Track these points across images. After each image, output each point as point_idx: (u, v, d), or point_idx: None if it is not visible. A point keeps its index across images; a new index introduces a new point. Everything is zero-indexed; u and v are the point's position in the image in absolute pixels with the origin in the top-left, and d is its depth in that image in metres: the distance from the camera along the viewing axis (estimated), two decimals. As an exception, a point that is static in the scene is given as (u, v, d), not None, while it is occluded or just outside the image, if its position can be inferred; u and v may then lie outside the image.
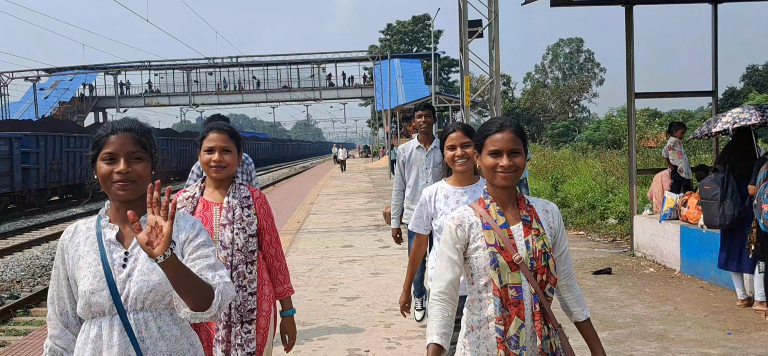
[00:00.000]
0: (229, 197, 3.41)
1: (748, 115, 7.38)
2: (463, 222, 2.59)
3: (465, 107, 13.51)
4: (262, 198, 3.52)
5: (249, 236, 3.39)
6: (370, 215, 17.21)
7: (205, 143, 3.40)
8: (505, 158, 2.54)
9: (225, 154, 3.38)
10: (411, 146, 6.38)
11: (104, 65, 62.46)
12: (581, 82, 73.83)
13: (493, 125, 2.62)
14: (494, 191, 2.63)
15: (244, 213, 3.39)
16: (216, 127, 3.43)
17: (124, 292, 2.21)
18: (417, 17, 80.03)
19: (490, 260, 2.50)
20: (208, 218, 3.38)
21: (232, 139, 3.42)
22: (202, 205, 3.44)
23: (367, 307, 7.54)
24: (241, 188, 3.47)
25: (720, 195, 7.06)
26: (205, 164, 3.39)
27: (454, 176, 3.86)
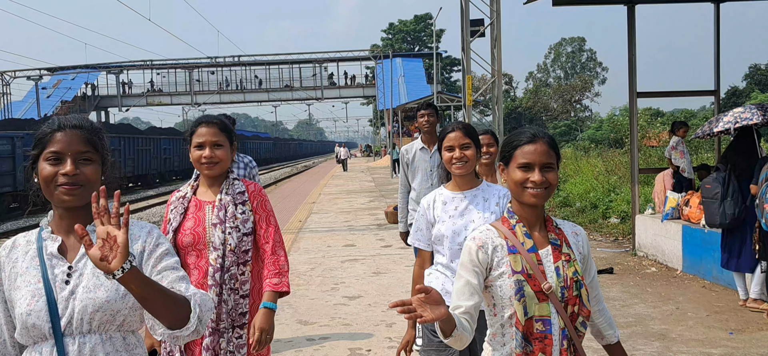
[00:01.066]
0: (222, 194, 3.20)
1: (750, 114, 7.37)
2: (485, 244, 2.29)
3: (467, 106, 13.49)
4: (258, 191, 3.28)
5: (243, 236, 3.16)
6: (371, 215, 17.21)
7: (195, 139, 3.20)
8: (537, 173, 2.26)
9: (216, 149, 3.17)
10: (414, 147, 6.21)
11: (106, 64, 62.49)
12: (583, 81, 73.80)
13: (524, 136, 2.34)
14: (521, 209, 2.34)
15: (238, 211, 3.17)
16: (205, 120, 3.22)
17: (67, 312, 1.92)
18: (419, 16, 79.95)
19: (515, 289, 2.21)
20: (200, 218, 3.19)
21: (223, 132, 3.20)
22: (195, 205, 3.23)
23: (368, 306, 7.55)
24: (235, 184, 3.25)
25: (721, 194, 7.06)
26: (195, 161, 3.19)
27: (453, 181, 3.53)
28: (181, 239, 3.14)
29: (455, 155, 3.42)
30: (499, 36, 13.18)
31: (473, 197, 3.45)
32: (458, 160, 3.41)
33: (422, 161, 6.09)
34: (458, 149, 3.41)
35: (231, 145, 3.24)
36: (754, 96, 47.06)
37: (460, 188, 3.49)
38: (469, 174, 3.48)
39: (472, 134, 3.48)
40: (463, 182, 3.48)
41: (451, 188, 3.52)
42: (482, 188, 3.49)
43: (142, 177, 36.46)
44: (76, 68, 62.33)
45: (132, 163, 34.16)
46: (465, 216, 3.39)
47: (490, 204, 3.40)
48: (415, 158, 6.14)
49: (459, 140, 3.44)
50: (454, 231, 3.37)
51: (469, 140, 3.45)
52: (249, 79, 64.10)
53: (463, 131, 3.47)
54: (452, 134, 3.46)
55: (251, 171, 5.33)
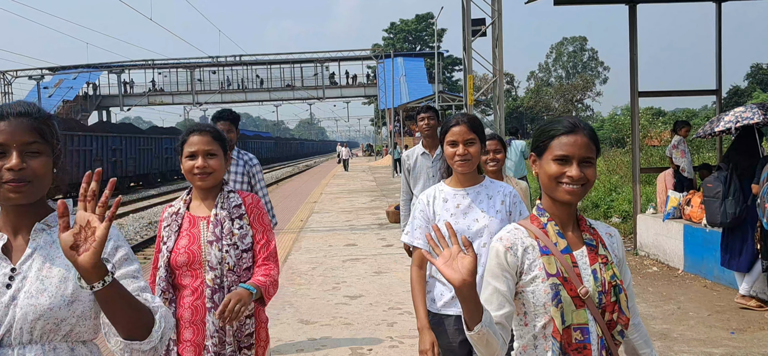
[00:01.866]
0: (217, 209, 2.98)
1: (751, 113, 7.37)
2: (514, 245, 2.06)
3: (468, 105, 13.50)
4: (255, 203, 3.06)
5: (242, 252, 2.95)
6: (373, 214, 17.21)
7: (186, 148, 2.99)
8: (575, 167, 2.03)
9: (209, 158, 2.97)
10: (415, 152, 5.94)
11: (108, 64, 62.55)
12: (585, 80, 73.78)
13: (562, 125, 2.10)
14: (553, 206, 2.12)
15: (235, 226, 2.96)
16: (197, 129, 3.03)
17: (6, 320, 1.71)
18: (420, 16, 79.97)
19: (552, 294, 1.99)
20: (195, 235, 2.96)
21: (217, 141, 3.01)
22: (189, 221, 3.01)
23: (370, 306, 7.55)
24: (230, 197, 3.03)
25: (722, 194, 7.07)
26: (187, 172, 2.98)
27: (454, 177, 3.23)
28: (175, 259, 2.93)
29: (458, 151, 3.11)
30: (501, 35, 13.18)
31: (476, 194, 3.17)
32: (461, 157, 3.11)
33: (424, 167, 5.83)
34: (462, 144, 3.11)
35: (225, 154, 3.04)
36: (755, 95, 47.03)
37: (462, 184, 3.20)
38: (472, 171, 3.21)
39: (478, 129, 3.17)
40: (466, 178, 3.21)
41: (452, 185, 3.22)
42: (485, 184, 3.22)
43: (143, 177, 36.51)
44: (78, 68, 62.38)
45: (133, 162, 34.20)
46: (468, 215, 3.13)
47: (494, 202, 3.15)
48: (416, 163, 5.88)
49: (463, 134, 3.12)
50: (458, 230, 2.98)
51: (474, 136, 3.14)
52: (250, 78, 64.14)
53: (468, 125, 3.14)
54: (456, 129, 3.13)
55: (251, 169, 5.22)
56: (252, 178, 5.22)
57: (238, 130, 5.30)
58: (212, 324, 2.88)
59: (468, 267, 1.82)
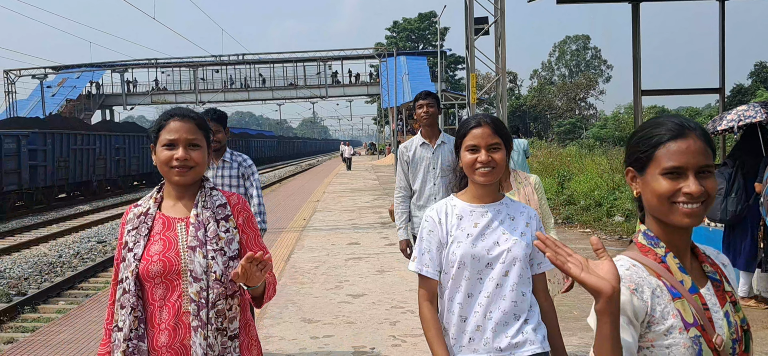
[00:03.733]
0: (198, 209, 2.51)
1: (754, 112, 7.35)
2: (640, 286, 1.62)
3: (471, 104, 13.49)
4: (242, 204, 2.61)
5: (229, 260, 2.48)
6: (376, 213, 17.22)
7: (164, 135, 2.49)
8: (693, 181, 1.62)
9: (192, 150, 2.49)
10: (414, 143, 5.43)
11: (111, 63, 62.60)
12: (588, 79, 73.69)
13: (666, 128, 1.69)
14: (666, 233, 1.69)
15: (221, 228, 2.50)
16: (178, 113, 2.55)
17: None
18: (423, 14, 79.92)
19: (695, 351, 1.59)
20: (171, 239, 2.47)
21: (201, 130, 2.54)
22: (162, 223, 2.52)
23: (372, 304, 7.55)
24: (213, 195, 2.57)
25: (724, 191, 7.06)
26: (163, 164, 2.48)
27: (471, 189, 2.67)
28: (146, 268, 2.42)
29: (481, 158, 2.56)
30: (504, 34, 13.17)
31: (497, 212, 2.64)
32: (484, 164, 2.56)
33: (424, 159, 5.35)
34: (485, 150, 2.57)
35: (208, 146, 2.59)
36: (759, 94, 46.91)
37: (480, 199, 2.65)
38: (494, 183, 2.66)
39: (503, 132, 2.64)
40: (485, 192, 2.65)
41: (467, 199, 2.67)
42: (506, 203, 2.69)
43: (146, 175, 36.60)
44: (81, 67, 62.44)
45: (137, 161, 34.28)
46: (488, 237, 2.59)
47: (517, 225, 2.63)
48: (415, 155, 5.39)
49: (486, 138, 2.59)
50: (473, 256, 2.55)
51: (499, 140, 2.61)
52: (253, 77, 64.16)
53: (491, 126, 2.61)
54: (477, 131, 2.60)
55: (246, 170, 5.05)
56: (247, 180, 5.06)
57: (227, 130, 5.10)
58: (199, 347, 2.40)
59: (612, 271, 1.49)
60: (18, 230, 18.24)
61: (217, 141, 4.86)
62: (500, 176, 2.64)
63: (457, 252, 2.58)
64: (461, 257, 2.57)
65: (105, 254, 14.03)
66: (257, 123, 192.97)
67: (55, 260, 13.44)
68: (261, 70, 64.29)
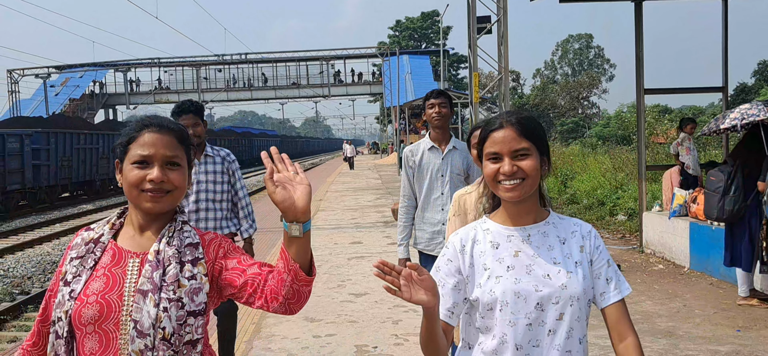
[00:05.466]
0: (161, 245, 1.95)
1: (757, 110, 7.33)
2: None
3: (474, 103, 13.49)
4: (221, 239, 2.04)
5: (188, 316, 1.88)
6: (378, 212, 17.23)
7: (135, 150, 1.96)
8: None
9: (170, 170, 1.96)
10: (421, 147, 4.85)
11: (114, 62, 62.75)
12: (591, 78, 73.58)
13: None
14: None
15: (185, 273, 1.92)
16: (155, 123, 2.01)
17: None
18: (426, 13, 79.88)
19: None
20: (116, 277, 1.92)
21: (182, 145, 2.03)
22: (112, 255, 1.97)
23: (375, 303, 7.56)
24: (184, 231, 2.00)
25: (723, 189, 7.06)
26: (132, 185, 1.94)
27: (505, 209, 2.10)
28: (79, 311, 1.86)
29: (504, 168, 2.00)
30: (506, 33, 13.16)
31: (542, 236, 2.06)
32: (508, 176, 1.99)
33: (432, 165, 4.76)
34: (509, 158, 2.00)
35: (189, 165, 2.06)
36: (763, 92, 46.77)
37: (517, 219, 2.08)
38: (528, 199, 2.05)
39: (534, 133, 2.04)
40: (522, 210, 2.07)
41: (502, 221, 2.11)
42: (553, 221, 2.10)
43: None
44: (84, 66, 62.60)
45: (140, 160, 34.31)
46: (534, 269, 2.01)
47: (571, 250, 2.06)
48: (422, 160, 4.78)
49: (510, 143, 2.00)
50: (518, 294, 1.98)
51: (529, 144, 2.01)
52: (256, 76, 64.27)
53: (517, 128, 2.02)
54: (499, 134, 2.02)
55: (230, 166, 4.86)
56: (232, 175, 4.86)
57: (205, 123, 4.80)
58: None
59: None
60: (21, 230, 18.27)
61: (196, 136, 4.67)
62: (533, 189, 2.02)
63: (496, 289, 1.97)
64: (502, 297, 1.97)
65: (108, 253, 14.06)
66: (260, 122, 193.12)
67: (58, 260, 13.46)
68: (264, 69, 64.41)
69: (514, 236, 2.06)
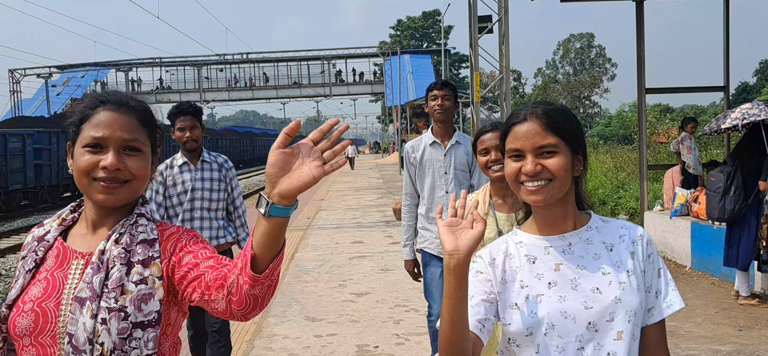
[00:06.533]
0: (109, 242, 1.65)
1: (758, 110, 7.34)
2: None
3: (475, 102, 13.49)
4: (182, 232, 1.75)
5: (134, 327, 1.59)
6: (380, 211, 17.23)
7: (88, 130, 1.68)
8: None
9: (128, 156, 1.68)
10: (423, 142, 4.60)
11: (115, 62, 62.83)
12: (592, 77, 73.55)
13: None
14: None
15: (133, 276, 1.61)
16: (112, 100, 1.72)
17: None
18: (427, 13, 79.90)
19: None
20: (57, 281, 1.64)
21: (145, 128, 1.75)
22: (56, 255, 1.70)
23: (376, 303, 7.56)
24: (140, 225, 1.70)
25: (723, 189, 7.07)
26: (83, 173, 1.66)
27: (537, 216, 1.80)
28: (14, 321, 1.61)
29: (526, 167, 1.71)
30: (507, 32, 13.16)
31: (585, 243, 1.76)
32: (531, 177, 1.70)
33: (434, 161, 4.51)
34: (532, 156, 1.71)
35: (154, 151, 1.81)
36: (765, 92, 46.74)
37: (553, 227, 1.78)
38: (563, 204, 1.76)
39: (564, 127, 1.73)
40: (557, 216, 1.77)
41: (534, 231, 1.81)
42: (595, 226, 1.80)
43: (151, 174, 36.74)
44: (86, 66, 62.67)
45: (141, 160, 34.37)
46: (580, 283, 1.71)
47: (620, 254, 1.75)
48: (424, 156, 4.55)
49: (534, 138, 1.72)
50: (566, 314, 1.68)
51: (555, 139, 1.71)
52: (257, 76, 64.27)
53: (543, 121, 1.72)
54: (521, 129, 1.74)
55: (228, 173, 4.68)
56: (228, 184, 4.70)
57: (203, 126, 4.62)
58: None
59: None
60: (23, 229, 18.30)
61: (194, 139, 4.51)
62: (563, 191, 1.72)
63: (538, 311, 1.68)
64: (548, 318, 1.67)
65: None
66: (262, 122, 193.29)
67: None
68: (265, 68, 64.42)
69: (551, 247, 1.76)
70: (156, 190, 4.59)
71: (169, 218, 4.55)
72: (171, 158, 4.68)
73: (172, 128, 4.55)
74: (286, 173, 1.46)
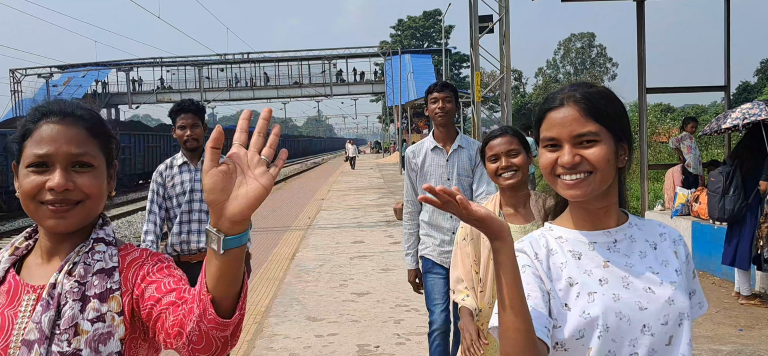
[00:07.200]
0: (61, 274, 1.44)
1: (758, 110, 7.34)
2: None
3: (476, 102, 13.50)
4: (144, 259, 1.52)
5: None
6: (380, 211, 17.24)
7: (31, 148, 1.47)
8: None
9: (78, 173, 1.47)
10: (424, 147, 4.40)
11: (116, 62, 62.87)
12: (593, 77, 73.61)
13: None
14: None
15: (88, 313, 1.41)
16: (56, 111, 1.50)
17: None
18: (428, 13, 79.93)
19: None
20: (5, 322, 1.44)
21: (96, 138, 1.53)
22: (7, 291, 1.48)
23: (377, 303, 7.57)
24: (96, 251, 1.49)
25: (722, 189, 7.08)
26: (28, 196, 1.47)
27: (573, 211, 1.66)
28: None
29: (563, 158, 1.54)
30: (508, 32, 13.17)
31: (630, 240, 1.64)
32: (569, 169, 1.55)
33: (436, 167, 4.31)
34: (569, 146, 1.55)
35: (110, 165, 1.59)
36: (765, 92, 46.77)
37: (595, 223, 1.64)
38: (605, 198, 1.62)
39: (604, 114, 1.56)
40: (600, 212, 1.63)
41: (573, 226, 1.65)
42: (635, 222, 1.70)
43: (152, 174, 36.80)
44: (87, 66, 62.71)
45: (142, 160, 34.41)
46: (632, 282, 1.57)
47: (665, 253, 1.66)
48: (425, 162, 4.36)
49: (572, 125, 1.54)
50: (621, 314, 1.53)
51: (596, 127, 1.53)
52: (258, 76, 64.32)
53: (581, 107, 1.55)
54: (557, 115, 1.57)
55: None
56: None
57: (205, 125, 4.45)
58: None
59: None
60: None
61: (194, 138, 4.37)
62: (605, 185, 1.56)
63: (592, 310, 1.52)
64: (602, 319, 1.51)
65: (111, 252, 14.09)
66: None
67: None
68: (266, 68, 64.48)
69: (598, 242, 1.61)
70: (155, 191, 4.55)
71: (169, 219, 4.53)
72: (171, 158, 4.63)
73: (172, 126, 4.45)
74: (230, 193, 1.21)
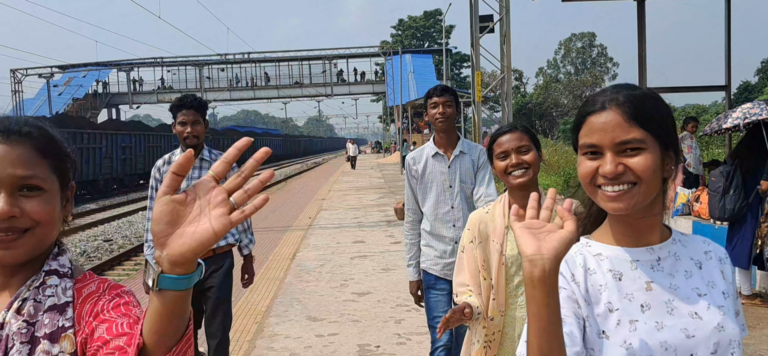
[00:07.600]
0: (9, 313, 1.28)
1: (759, 110, 7.34)
2: None
3: (476, 102, 13.50)
4: (101, 293, 1.35)
5: None
6: (381, 211, 17.24)
7: None
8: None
9: (27, 197, 1.29)
10: (424, 154, 4.15)
11: (117, 62, 62.89)
12: (594, 77, 73.58)
13: None
14: None
15: (38, 353, 1.26)
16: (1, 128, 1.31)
17: None
18: (428, 12, 79.93)
19: None
20: None
21: (46, 157, 1.34)
22: None
23: (377, 303, 7.57)
24: (48, 285, 1.32)
25: (722, 189, 7.08)
26: None
27: (612, 225, 1.47)
28: None
29: (604, 167, 1.38)
30: (509, 32, 13.17)
31: (674, 258, 1.46)
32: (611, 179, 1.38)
33: (437, 174, 4.08)
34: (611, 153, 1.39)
35: (65, 185, 1.39)
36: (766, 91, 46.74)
37: (636, 239, 1.45)
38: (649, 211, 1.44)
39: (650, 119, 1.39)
40: (642, 227, 1.45)
41: (613, 241, 1.48)
42: (678, 238, 1.51)
43: (153, 174, 36.81)
44: (88, 66, 62.73)
45: (143, 160, 34.42)
46: (677, 306, 1.40)
47: (711, 274, 1.48)
48: (426, 169, 4.11)
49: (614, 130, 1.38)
50: (667, 346, 1.36)
51: (641, 133, 1.37)
52: (259, 76, 64.34)
53: (624, 110, 1.39)
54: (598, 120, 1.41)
55: (231, 174, 4.16)
56: None
57: (206, 123, 4.33)
58: None
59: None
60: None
61: (195, 135, 4.23)
62: (650, 198, 1.40)
63: (633, 340, 1.35)
64: (646, 351, 1.35)
65: (111, 252, 14.08)
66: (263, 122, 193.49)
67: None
68: (266, 68, 64.49)
69: (640, 261, 1.43)
70: (154, 187, 4.52)
71: None
72: (170, 154, 4.59)
73: (173, 122, 4.34)
74: (178, 228, 1.05)
